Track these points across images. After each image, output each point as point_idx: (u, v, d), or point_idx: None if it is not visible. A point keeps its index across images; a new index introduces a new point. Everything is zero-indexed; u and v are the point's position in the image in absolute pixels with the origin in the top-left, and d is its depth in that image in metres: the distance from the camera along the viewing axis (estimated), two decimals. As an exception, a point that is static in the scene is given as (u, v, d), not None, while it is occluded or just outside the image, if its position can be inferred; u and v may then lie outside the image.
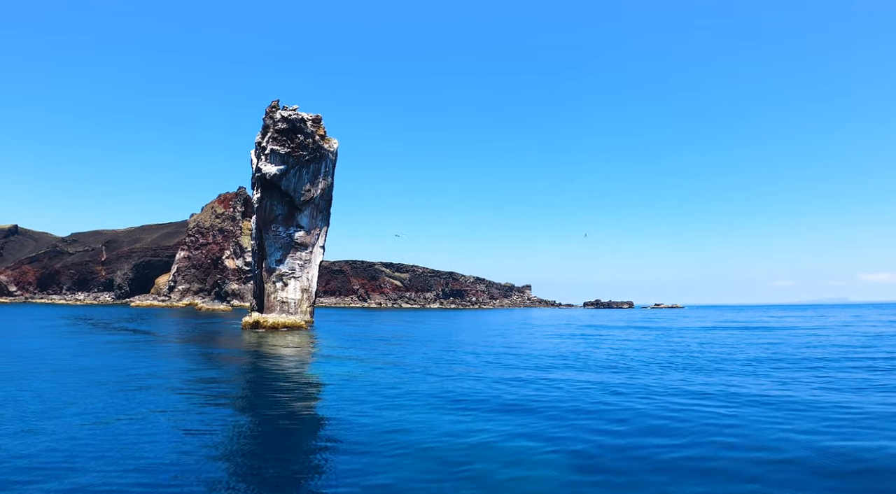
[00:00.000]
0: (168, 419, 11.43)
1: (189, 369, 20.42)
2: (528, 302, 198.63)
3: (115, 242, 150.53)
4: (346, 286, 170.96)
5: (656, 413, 12.14)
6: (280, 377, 18.31)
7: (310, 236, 52.29)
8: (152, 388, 15.25)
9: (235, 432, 10.55)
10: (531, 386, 16.17)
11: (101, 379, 16.65)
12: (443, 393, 14.87)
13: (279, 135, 50.21)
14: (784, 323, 62.24)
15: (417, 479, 7.73)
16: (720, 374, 18.54)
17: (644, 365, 21.37)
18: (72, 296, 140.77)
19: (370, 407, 12.91)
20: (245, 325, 41.78)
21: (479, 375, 18.52)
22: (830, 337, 37.16)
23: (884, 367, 20.25)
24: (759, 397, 14.14)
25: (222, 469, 8.27)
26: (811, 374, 18.69)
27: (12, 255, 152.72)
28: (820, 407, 12.80)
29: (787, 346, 29.80)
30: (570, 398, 14.15)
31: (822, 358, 23.66)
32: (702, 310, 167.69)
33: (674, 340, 36.53)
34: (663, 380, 17.23)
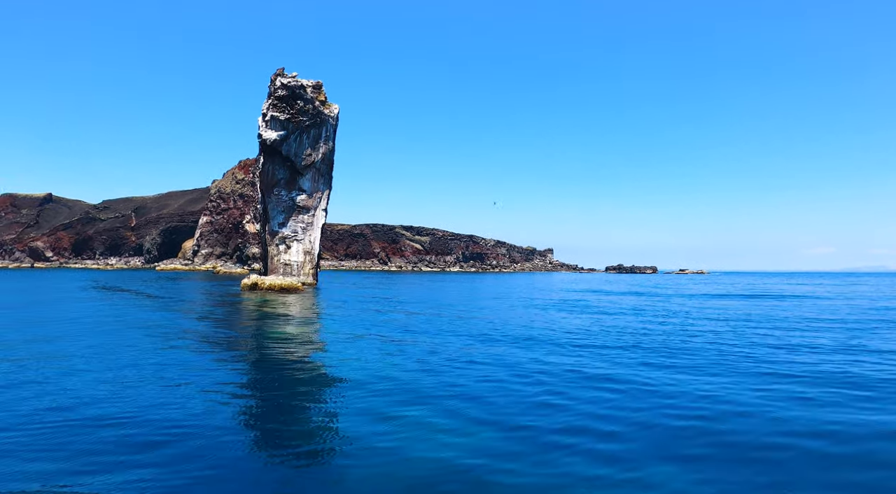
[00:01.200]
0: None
1: (149, 322, 21.72)
2: (550, 266, 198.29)
3: (143, 208, 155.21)
4: (367, 249, 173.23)
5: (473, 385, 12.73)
6: (239, 330, 19.46)
7: (312, 199, 53.33)
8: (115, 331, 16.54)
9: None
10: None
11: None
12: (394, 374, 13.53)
13: (279, 101, 50.80)
14: (800, 291, 61.03)
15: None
16: (632, 351, 18.55)
17: (584, 338, 21.78)
18: (104, 261, 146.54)
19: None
20: (244, 287, 43.40)
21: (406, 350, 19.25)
22: (826, 309, 36.77)
23: (802, 347, 17.00)
24: (601, 376, 14.49)
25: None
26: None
27: (48, 222, 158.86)
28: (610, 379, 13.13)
29: (764, 319, 29.68)
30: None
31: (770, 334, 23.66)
32: (727, 277, 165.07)
33: (654, 308, 36.75)
34: (581, 358, 17.71)
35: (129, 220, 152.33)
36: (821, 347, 16.91)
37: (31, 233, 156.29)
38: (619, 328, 21.73)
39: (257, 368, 13.01)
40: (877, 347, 16.96)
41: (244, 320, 24.17)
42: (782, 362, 14.10)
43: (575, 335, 19.29)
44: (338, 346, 16.14)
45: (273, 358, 14.01)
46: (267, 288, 42.81)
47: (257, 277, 44.58)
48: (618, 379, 11.66)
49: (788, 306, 35.42)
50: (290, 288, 43.31)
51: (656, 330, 21.23)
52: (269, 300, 33.90)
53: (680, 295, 49.58)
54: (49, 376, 11.24)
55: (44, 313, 25.42)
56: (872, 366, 13.65)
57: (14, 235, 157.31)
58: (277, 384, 11.13)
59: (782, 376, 12.23)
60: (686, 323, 23.83)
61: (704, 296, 48.23)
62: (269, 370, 12.66)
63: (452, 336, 18.52)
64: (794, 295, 50.46)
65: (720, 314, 29.02)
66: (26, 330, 18.49)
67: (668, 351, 15.81)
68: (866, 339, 18.75)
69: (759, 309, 32.78)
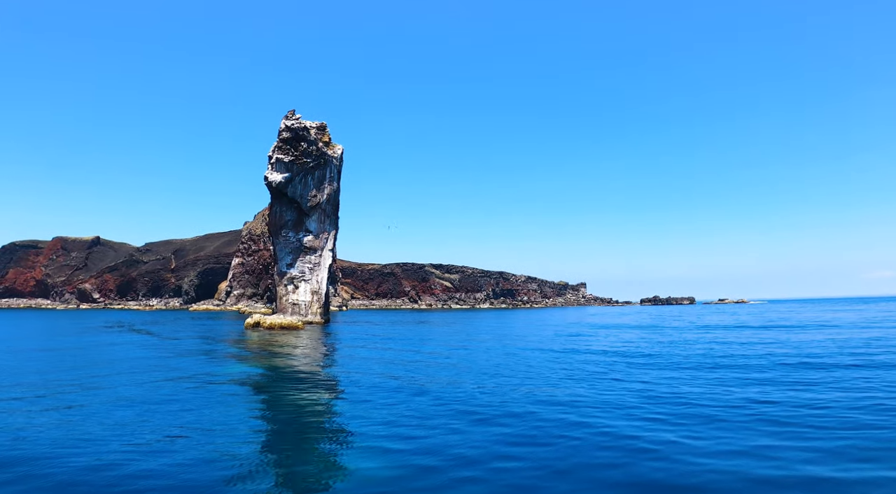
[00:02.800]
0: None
1: (141, 362, 22.26)
2: (583, 300, 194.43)
3: (182, 250, 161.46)
4: (398, 288, 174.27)
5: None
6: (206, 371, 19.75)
7: (318, 240, 54.35)
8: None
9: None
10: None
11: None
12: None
13: (283, 143, 52.59)
14: (827, 320, 57.67)
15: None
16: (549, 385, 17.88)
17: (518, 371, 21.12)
18: (146, 302, 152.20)
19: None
20: (247, 326, 44.19)
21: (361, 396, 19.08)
22: (830, 343, 34.55)
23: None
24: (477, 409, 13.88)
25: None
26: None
27: (95, 265, 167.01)
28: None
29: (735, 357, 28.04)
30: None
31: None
32: (767, 305, 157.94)
33: (635, 342, 35.44)
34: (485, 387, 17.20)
35: (169, 263, 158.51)
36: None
37: (80, 276, 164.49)
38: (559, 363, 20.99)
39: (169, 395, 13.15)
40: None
41: (205, 357, 24.51)
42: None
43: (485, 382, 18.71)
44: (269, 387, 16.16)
45: (191, 392, 14.14)
46: (268, 327, 43.47)
47: (260, 316, 45.41)
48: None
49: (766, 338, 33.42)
50: (290, 326, 43.84)
51: (584, 365, 20.40)
52: (255, 339, 34.35)
53: (676, 329, 47.49)
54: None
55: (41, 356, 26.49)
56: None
57: (64, 277, 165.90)
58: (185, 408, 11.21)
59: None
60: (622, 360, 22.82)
61: (706, 328, 46.08)
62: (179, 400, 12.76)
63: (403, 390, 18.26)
64: (828, 326, 47.58)
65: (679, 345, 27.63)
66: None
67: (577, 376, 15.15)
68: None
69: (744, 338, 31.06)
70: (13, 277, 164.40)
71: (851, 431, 10.18)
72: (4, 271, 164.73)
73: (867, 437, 9.74)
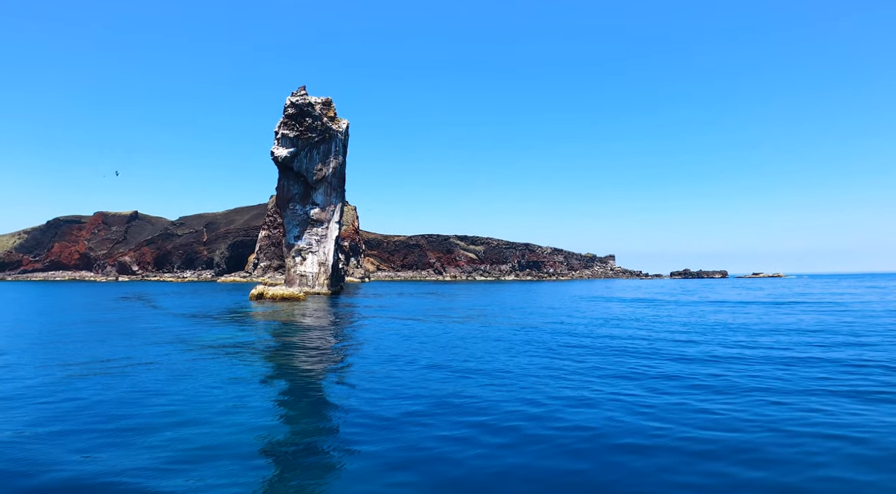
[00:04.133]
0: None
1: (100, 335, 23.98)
2: (611, 272, 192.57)
3: (214, 224, 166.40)
4: (423, 259, 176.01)
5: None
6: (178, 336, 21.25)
7: (325, 212, 55.65)
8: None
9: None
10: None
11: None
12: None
13: (289, 119, 53.59)
14: (857, 298, 56.03)
15: None
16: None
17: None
18: (180, 274, 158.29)
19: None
20: (251, 297, 46.06)
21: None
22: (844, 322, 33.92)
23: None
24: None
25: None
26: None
27: (134, 238, 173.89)
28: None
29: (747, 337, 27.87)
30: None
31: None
32: (798, 280, 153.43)
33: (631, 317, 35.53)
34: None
35: (202, 236, 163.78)
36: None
37: (120, 249, 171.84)
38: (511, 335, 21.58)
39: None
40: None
41: (194, 326, 26.00)
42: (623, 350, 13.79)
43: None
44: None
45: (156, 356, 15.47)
46: (270, 298, 45.26)
47: (263, 287, 47.22)
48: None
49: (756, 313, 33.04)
50: (291, 298, 45.52)
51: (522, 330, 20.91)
52: (251, 311, 36.01)
53: (721, 303, 47.15)
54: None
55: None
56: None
57: (105, 250, 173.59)
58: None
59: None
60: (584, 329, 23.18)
61: (697, 303, 45.64)
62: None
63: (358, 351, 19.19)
64: (848, 306, 46.58)
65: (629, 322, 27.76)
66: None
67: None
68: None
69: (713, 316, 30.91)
70: (58, 251, 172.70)
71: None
72: (50, 245, 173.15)
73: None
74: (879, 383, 12.15)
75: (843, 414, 9.53)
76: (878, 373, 13.24)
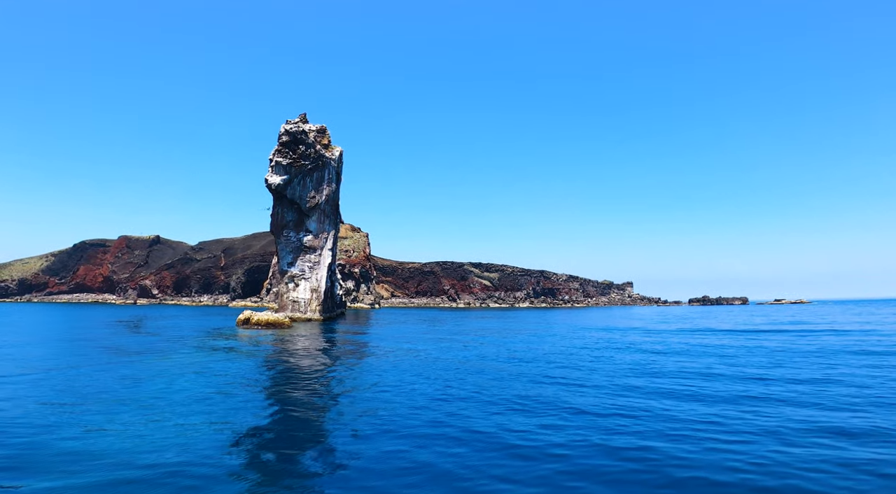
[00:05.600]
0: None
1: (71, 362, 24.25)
2: (629, 299, 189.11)
3: (231, 249, 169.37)
4: (437, 286, 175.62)
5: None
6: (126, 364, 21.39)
7: (318, 240, 56.10)
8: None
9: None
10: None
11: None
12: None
13: (283, 147, 54.56)
14: (842, 326, 53.97)
15: None
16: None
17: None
18: (197, 298, 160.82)
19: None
20: (238, 322, 46.34)
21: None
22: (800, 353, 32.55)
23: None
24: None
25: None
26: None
27: (155, 262, 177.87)
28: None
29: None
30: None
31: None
32: (829, 306, 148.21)
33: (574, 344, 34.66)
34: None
35: (219, 261, 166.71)
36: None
37: (142, 273, 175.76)
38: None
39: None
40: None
41: (149, 352, 26.15)
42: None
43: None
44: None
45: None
46: (255, 323, 45.47)
47: (249, 313, 47.47)
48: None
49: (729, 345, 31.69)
50: (276, 323, 45.64)
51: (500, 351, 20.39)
52: (225, 337, 36.16)
53: (654, 332, 45.68)
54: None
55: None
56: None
57: (128, 274, 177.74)
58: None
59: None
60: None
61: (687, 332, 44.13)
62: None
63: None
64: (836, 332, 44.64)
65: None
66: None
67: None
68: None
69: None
70: (83, 274, 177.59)
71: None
72: (76, 268, 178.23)
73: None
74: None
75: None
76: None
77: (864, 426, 11.66)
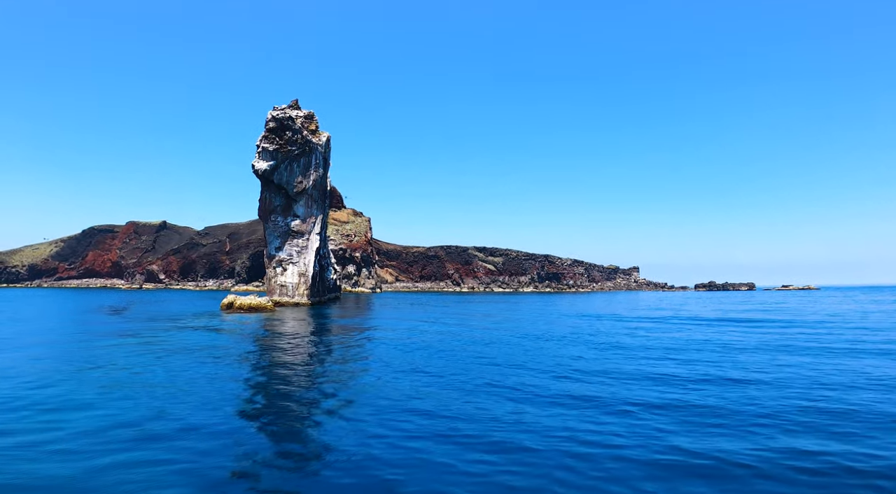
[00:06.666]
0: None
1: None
2: (635, 284, 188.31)
3: (237, 234, 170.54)
4: (441, 271, 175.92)
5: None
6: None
7: (305, 224, 56.28)
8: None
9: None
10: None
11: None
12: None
13: (269, 133, 54.54)
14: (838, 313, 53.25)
15: None
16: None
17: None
18: (203, 283, 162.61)
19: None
20: (222, 306, 46.76)
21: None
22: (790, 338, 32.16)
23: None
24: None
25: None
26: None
27: (162, 247, 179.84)
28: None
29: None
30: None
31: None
32: (836, 292, 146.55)
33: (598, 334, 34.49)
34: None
35: (225, 246, 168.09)
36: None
37: (149, 258, 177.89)
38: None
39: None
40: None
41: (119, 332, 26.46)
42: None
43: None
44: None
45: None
46: (237, 308, 45.87)
47: (233, 297, 47.85)
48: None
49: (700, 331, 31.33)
50: (258, 307, 46.04)
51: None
52: (201, 319, 36.52)
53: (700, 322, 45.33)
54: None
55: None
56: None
57: (135, 259, 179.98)
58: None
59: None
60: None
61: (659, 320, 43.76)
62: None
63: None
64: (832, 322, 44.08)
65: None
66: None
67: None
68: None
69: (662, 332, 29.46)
70: (92, 259, 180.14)
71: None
72: (84, 253, 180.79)
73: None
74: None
75: None
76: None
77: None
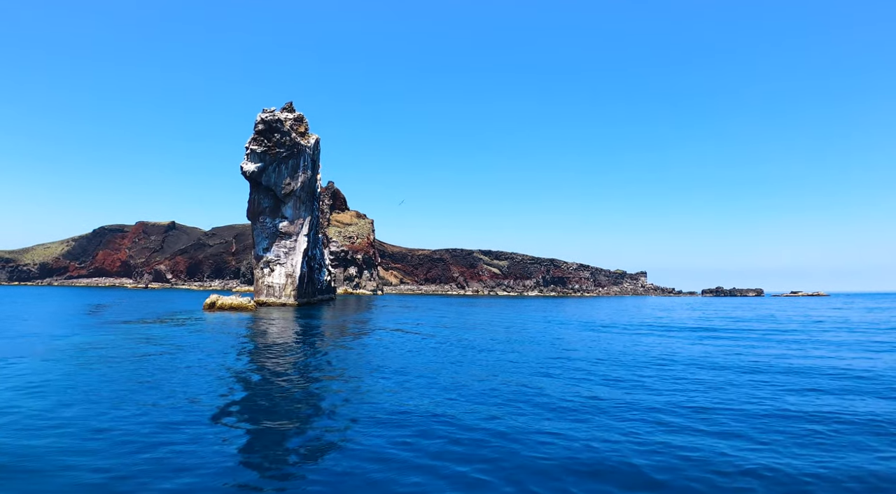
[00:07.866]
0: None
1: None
2: (642, 289, 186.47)
3: (243, 235, 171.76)
4: (447, 274, 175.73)
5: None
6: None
7: (294, 226, 56.47)
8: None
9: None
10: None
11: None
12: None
13: (258, 135, 54.85)
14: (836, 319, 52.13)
15: None
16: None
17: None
18: (208, 283, 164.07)
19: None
20: (205, 306, 47.02)
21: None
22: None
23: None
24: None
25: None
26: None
27: (170, 247, 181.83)
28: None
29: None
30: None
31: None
32: (845, 298, 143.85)
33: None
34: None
35: (231, 246, 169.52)
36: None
37: (157, 257, 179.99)
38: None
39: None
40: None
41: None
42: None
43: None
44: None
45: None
46: (219, 307, 46.10)
47: (216, 297, 48.09)
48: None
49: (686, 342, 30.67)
50: (239, 307, 46.24)
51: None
52: (184, 319, 36.71)
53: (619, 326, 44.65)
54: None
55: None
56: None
57: (144, 259, 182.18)
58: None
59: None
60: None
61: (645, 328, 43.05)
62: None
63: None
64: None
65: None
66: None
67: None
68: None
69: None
70: (102, 258, 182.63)
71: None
72: (95, 253, 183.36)
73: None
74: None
75: None
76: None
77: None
